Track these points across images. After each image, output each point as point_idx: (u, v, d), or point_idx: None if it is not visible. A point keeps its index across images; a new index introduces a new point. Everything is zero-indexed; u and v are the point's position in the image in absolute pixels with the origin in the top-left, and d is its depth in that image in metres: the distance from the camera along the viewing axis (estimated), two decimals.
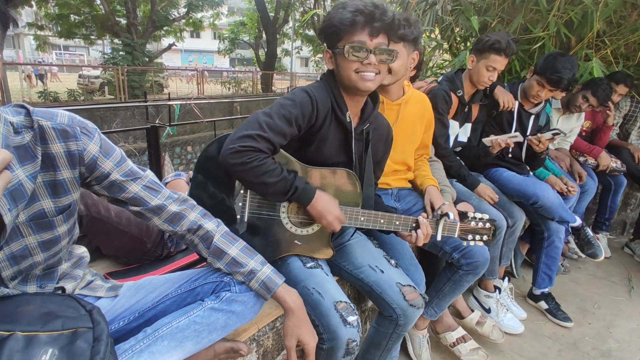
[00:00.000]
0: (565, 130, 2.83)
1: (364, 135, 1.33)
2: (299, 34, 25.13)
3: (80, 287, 0.98)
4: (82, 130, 0.84)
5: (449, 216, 1.34)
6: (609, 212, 3.15)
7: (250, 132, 1.10)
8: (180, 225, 1.00)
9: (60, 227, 0.85)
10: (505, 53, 1.97)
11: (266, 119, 1.13)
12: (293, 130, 1.16)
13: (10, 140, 0.75)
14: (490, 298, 2.21)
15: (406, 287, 1.33)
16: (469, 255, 1.61)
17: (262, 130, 1.10)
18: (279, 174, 1.13)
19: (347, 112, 1.25)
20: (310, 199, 1.19)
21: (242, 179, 1.17)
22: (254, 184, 1.16)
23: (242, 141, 1.09)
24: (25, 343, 0.72)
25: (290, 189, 1.16)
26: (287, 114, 1.14)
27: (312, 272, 1.25)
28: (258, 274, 0.99)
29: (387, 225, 1.31)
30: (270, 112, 1.14)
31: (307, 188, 1.19)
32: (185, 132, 9.89)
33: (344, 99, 1.25)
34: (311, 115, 1.19)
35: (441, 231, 1.34)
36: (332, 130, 1.26)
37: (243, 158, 1.08)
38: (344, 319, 1.15)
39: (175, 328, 0.90)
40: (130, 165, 0.93)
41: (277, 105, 1.16)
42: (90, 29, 17.41)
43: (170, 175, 1.77)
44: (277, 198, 1.22)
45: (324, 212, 1.20)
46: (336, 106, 1.24)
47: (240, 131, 1.12)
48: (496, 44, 1.96)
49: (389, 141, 1.49)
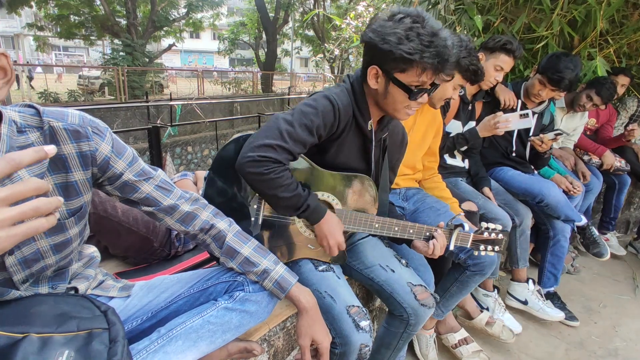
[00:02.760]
0: (569, 129, 2.83)
1: (382, 142, 1.32)
2: (299, 34, 25.11)
3: (92, 287, 0.98)
4: (94, 130, 0.82)
5: (463, 227, 1.34)
6: (614, 211, 3.15)
7: (271, 142, 1.06)
8: (193, 225, 0.99)
9: (71, 230, 0.85)
10: (515, 55, 1.98)
11: (288, 127, 1.08)
12: (314, 139, 1.13)
13: (14, 141, 0.74)
14: (489, 297, 2.19)
15: (417, 287, 1.33)
16: (476, 256, 1.61)
17: (283, 141, 1.07)
18: (294, 190, 1.12)
19: (370, 121, 1.23)
20: (320, 218, 1.18)
21: (256, 188, 1.15)
22: (266, 195, 1.15)
23: (262, 151, 1.06)
24: (41, 345, 0.71)
25: (302, 206, 1.14)
26: (309, 123, 1.10)
27: (323, 276, 1.25)
28: (271, 273, 0.99)
29: (400, 233, 1.30)
30: (292, 119, 1.10)
31: (319, 208, 1.17)
32: (186, 132, 9.88)
33: (369, 109, 1.22)
34: (333, 124, 1.15)
35: (454, 241, 1.34)
36: (351, 137, 1.23)
37: (261, 169, 1.06)
38: (357, 324, 1.14)
39: (190, 328, 0.90)
40: (142, 165, 0.92)
41: (299, 112, 1.12)
42: (90, 30, 17.38)
43: (177, 175, 1.77)
44: (286, 211, 1.20)
45: (327, 234, 1.19)
46: (359, 114, 1.20)
47: (261, 139, 1.07)
48: (508, 44, 1.97)
49: (404, 146, 1.47)
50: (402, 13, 1.07)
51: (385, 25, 1.07)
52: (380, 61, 1.10)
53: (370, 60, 1.13)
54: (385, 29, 1.06)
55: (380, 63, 1.11)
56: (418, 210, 1.73)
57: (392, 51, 1.05)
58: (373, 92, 1.17)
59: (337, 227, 1.21)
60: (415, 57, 1.04)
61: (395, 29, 1.05)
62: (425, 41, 1.04)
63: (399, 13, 1.07)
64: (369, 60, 1.14)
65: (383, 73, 1.12)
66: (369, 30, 1.11)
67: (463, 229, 1.34)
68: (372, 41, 1.09)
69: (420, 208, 1.73)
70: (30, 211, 0.47)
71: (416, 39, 1.04)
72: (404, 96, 1.12)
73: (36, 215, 0.48)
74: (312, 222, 1.19)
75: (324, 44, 18.44)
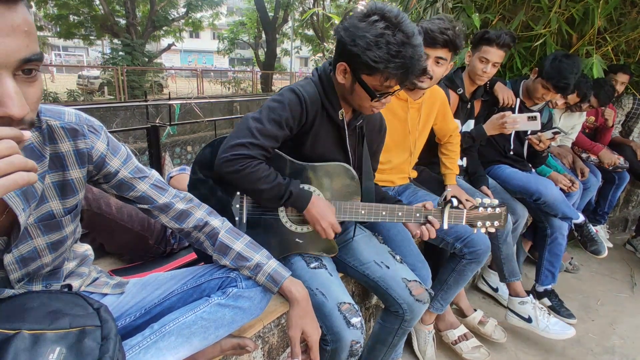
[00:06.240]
0: (568, 127, 2.83)
1: (358, 129, 1.32)
2: (299, 33, 25.13)
3: (86, 285, 0.98)
4: (89, 128, 0.83)
5: (452, 203, 1.33)
6: (608, 206, 3.15)
7: (242, 141, 1.10)
8: (187, 223, 1.00)
9: (67, 227, 0.85)
10: (497, 44, 1.96)
11: (256, 124, 1.12)
12: (285, 132, 1.15)
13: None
14: (526, 304, 2.03)
15: (412, 283, 1.33)
16: (471, 244, 1.62)
17: (253, 137, 1.10)
18: (273, 180, 1.13)
19: (341, 111, 1.23)
20: (306, 203, 1.18)
21: (237, 186, 1.18)
22: (248, 191, 1.17)
23: (234, 150, 1.09)
24: (32, 341, 0.71)
25: (284, 194, 1.15)
26: (276, 117, 1.13)
27: (315, 273, 1.25)
28: (264, 267, 0.99)
29: (389, 217, 1.29)
30: (260, 116, 1.13)
31: (302, 193, 1.18)
32: (185, 132, 9.89)
33: (338, 100, 1.23)
34: (301, 115, 1.17)
35: (447, 219, 1.32)
36: (324, 127, 1.24)
37: (236, 166, 1.09)
38: (348, 321, 1.15)
39: (182, 324, 0.90)
40: (136, 163, 0.94)
41: (266, 108, 1.15)
42: (89, 30, 17.41)
43: (175, 170, 1.77)
44: (272, 203, 1.21)
45: (318, 217, 1.19)
46: (328, 105, 1.21)
47: (232, 139, 1.11)
48: (486, 34, 1.98)
49: (383, 132, 1.47)
50: (378, 14, 1.04)
51: (358, 26, 1.05)
52: (349, 60, 1.11)
53: (339, 56, 1.13)
54: (357, 30, 1.05)
55: (348, 61, 1.11)
56: (411, 203, 1.73)
57: (359, 55, 1.05)
58: (340, 86, 1.19)
59: (327, 209, 1.21)
60: (379, 66, 1.05)
61: (366, 32, 1.04)
62: (393, 51, 1.03)
63: (374, 13, 1.05)
64: (338, 56, 1.14)
65: (350, 71, 1.12)
66: (341, 27, 1.10)
67: (452, 204, 1.33)
68: (342, 39, 1.09)
69: (413, 201, 1.74)
70: (5, 166, 0.51)
71: (384, 47, 1.03)
72: (367, 97, 1.14)
73: (13, 170, 0.51)
74: (299, 209, 1.20)
75: (323, 43, 18.43)
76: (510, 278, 2.06)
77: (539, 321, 1.99)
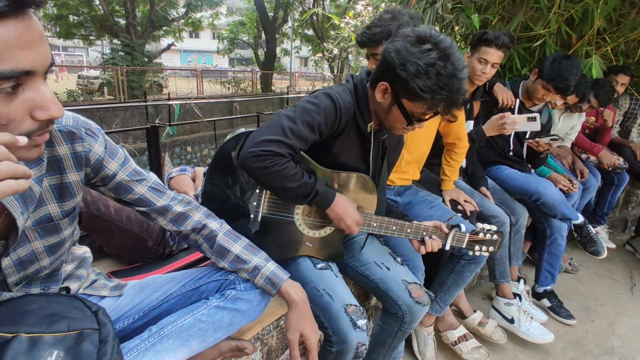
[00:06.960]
0: (567, 127, 2.83)
1: (380, 143, 1.32)
2: (298, 33, 25.10)
3: (84, 287, 0.98)
4: (87, 131, 0.83)
5: (460, 228, 1.34)
6: (608, 206, 3.15)
7: (274, 137, 1.07)
8: (185, 225, 1.00)
9: (65, 230, 0.85)
10: (496, 44, 1.95)
11: (290, 123, 1.09)
12: (315, 136, 1.14)
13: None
14: (512, 306, 2.10)
15: (412, 285, 1.33)
16: None
17: (285, 136, 1.08)
18: (300, 179, 1.13)
19: (370, 123, 1.23)
20: (330, 202, 1.18)
21: (262, 182, 1.16)
22: (274, 188, 1.16)
23: (263, 145, 1.06)
24: (30, 344, 0.71)
25: (310, 193, 1.15)
26: (310, 120, 1.11)
27: (322, 274, 1.25)
28: (262, 270, 0.99)
29: (398, 232, 1.30)
30: (294, 116, 1.11)
31: (328, 192, 1.18)
32: (185, 132, 9.89)
33: (370, 113, 1.22)
34: (334, 122, 1.16)
35: (450, 242, 1.34)
36: (351, 137, 1.24)
37: (265, 162, 1.06)
38: (354, 323, 1.15)
39: (181, 326, 0.90)
40: (134, 165, 0.93)
41: (301, 109, 1.12)
42: (89, 30, 17.39)
43: (176, 170, 1.76)
44: (297, 201, 1.21)
45: (343, 215, 1.20)
46: (359, 116, 1.21)
47: (263, 134, 1.08)
48: (484, 35, 1.97)
49: (401, 144, 1.49)
50: (432, 42, 1.04)
51: (410, 51, 1.04)
52: (392, 81, 1.09)
53: (382, 75, 1.12)
54: (409, 55, 1.04)
55: (391, 83, 1.10)
56: (411, 203, 1.74)
57: (407, 80, 1.05)
58: (377, 103, 1.17)
59: (350, 206, 1.22)
60: (426, 95, 1.04)
61: (418, 59, 1.03)
62: (442, 82, 1.03)
63: (428, 41, 1.04)
64: (381, 74, 1.12)
65: (391, 92, 1.12)
66: (392, 47, 1.08)
67: (460, 230, 1.34)
68: (391, 61, 1.07)
69: (414, 201, 1.74)
70: None
71: (434, 77, 1.03)
72: (403, 120, 1.14)
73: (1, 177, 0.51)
74: (323, 207, 1.20)
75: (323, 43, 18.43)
76: (500, 279, 2.13)
77: (521, 323, 2.06)
